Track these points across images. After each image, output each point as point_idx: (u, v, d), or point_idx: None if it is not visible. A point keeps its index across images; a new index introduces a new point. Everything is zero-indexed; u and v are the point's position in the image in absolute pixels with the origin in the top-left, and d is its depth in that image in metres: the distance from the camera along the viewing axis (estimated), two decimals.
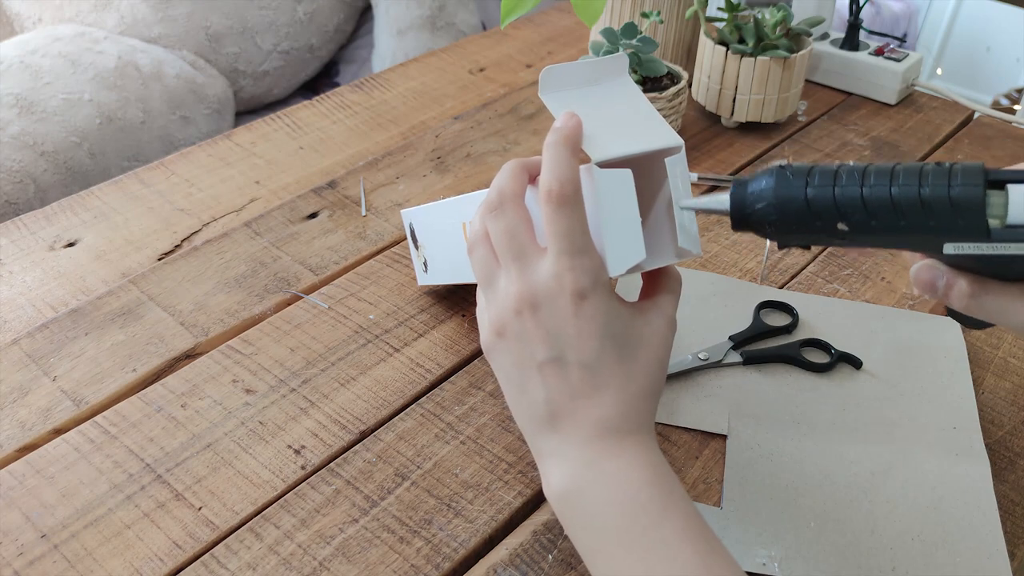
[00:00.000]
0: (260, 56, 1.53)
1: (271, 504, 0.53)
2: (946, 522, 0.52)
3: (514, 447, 0.56)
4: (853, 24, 0.98)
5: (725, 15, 0.89)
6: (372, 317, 0.66)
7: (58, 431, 0.58)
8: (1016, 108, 2.18)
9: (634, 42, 0.77)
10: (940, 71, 2.53)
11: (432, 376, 0.62)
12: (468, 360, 0.63)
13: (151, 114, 1.35)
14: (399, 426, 0.58)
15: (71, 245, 0.74)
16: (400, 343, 0.64)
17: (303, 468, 0.55)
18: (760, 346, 0.64)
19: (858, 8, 0.96)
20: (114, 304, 0.68)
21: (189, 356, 0.63)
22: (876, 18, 2.20)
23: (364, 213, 0.78)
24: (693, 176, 0.81)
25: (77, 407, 0.59)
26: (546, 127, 0.91)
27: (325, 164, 0.85)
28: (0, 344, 0.64)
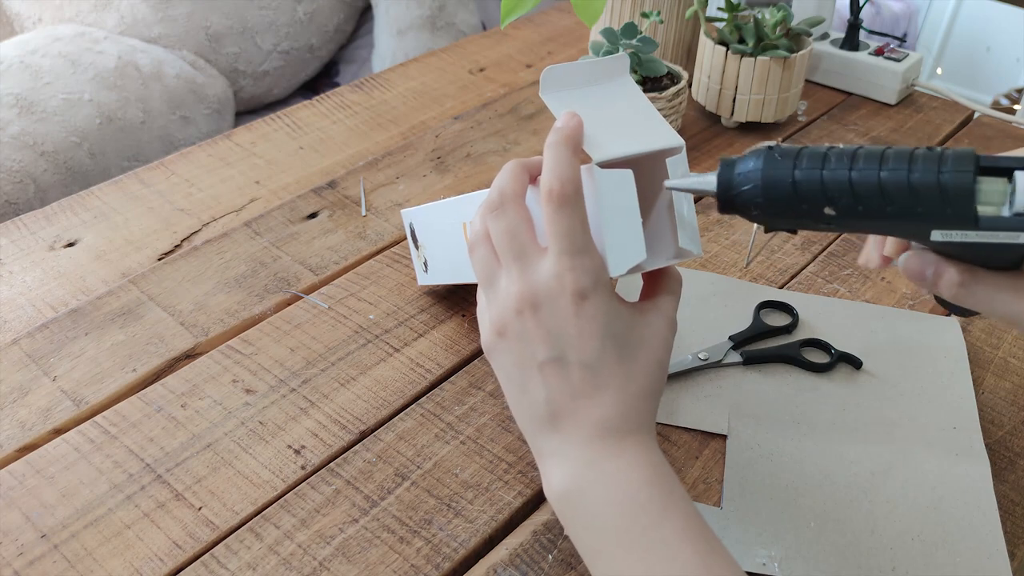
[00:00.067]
0: (260, 56, 1.53)
1: (271, 504, 0.53)
2: (946, 522, 0.52)
3: (514, 447, 0.56)
4: (853, 24, 0.98)
5: (725, 15, 0.89)
6: (372, 317, 0.66)
7: (58, 431, 0.58)
8: (1016, 108, 2.18)
9: (634, 42, 0.77)
10: (940, 71, 2.53)
11: (432, 376, 0.62)
12: (468, 360, 0.63)
13: (151, 114, 1.35)
14: (399, 426, 0.58)
15: (71, 245, 0.74)
16: (400, 343, 0.64)
17: (303, 468, 0.55)
18: (760, 346, 0.64)
19: (858, 8, 0.96)
20: (114, 304, 0.68)
21: (189, 356, 0.63)
22: (876, 18, 2.20)
23: (364, 213, 0.78)
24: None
25: (77, 407, 0.59)
26: (546, 127, 0.91)
27: (325, 164, 0.85)
28: (0, 344, 0.64)
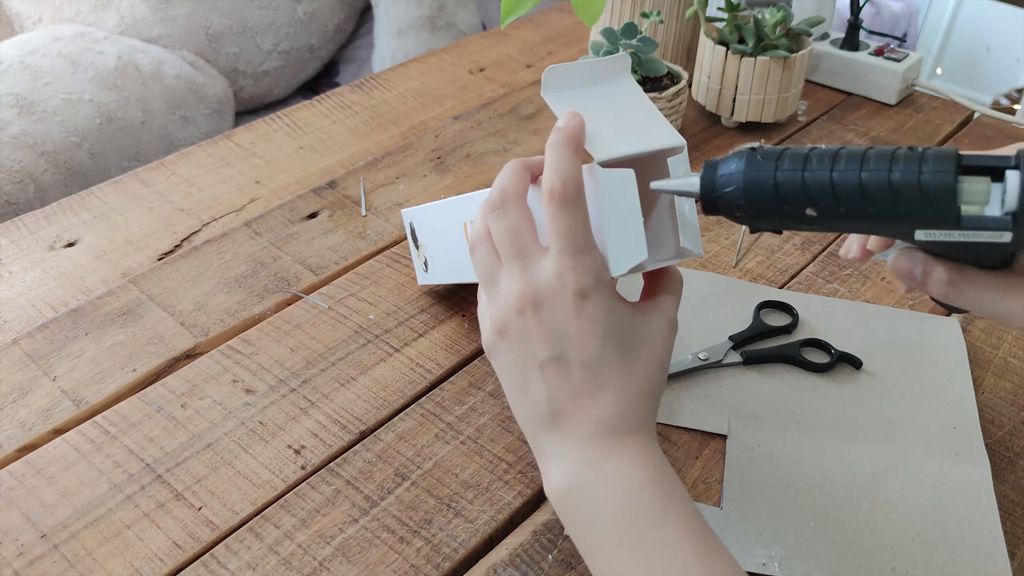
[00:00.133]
0: (260, 56, 1.53)
1: (271, 504, 0.53)
2: (946, 522, 0.52)
3: (514, 447, 0.56)
4: (853, 24, 0.98)
5: (725, 15, 0.89)
6: (372, 317, 0.66)
7: (58, 431, 0.58)
8: (1016, 108, 2.18)
9: (634, 42, 0.77)
10: (940, 71, 2.53)
11: (432, 376, 0.62)
12: (468, 360, 0.63)
13: (151, 114, 1.35)
14: (399, 426, 0.58)
15: (71, 245, 0.74)
16: (400, 343, 0.64)
17: (303, 468, 0.55)
18: (760, 346, 0.64)
19: (858, 8, 0.96)
20: (114, 304, 0.68)
21: (189, 356, 0.63)
22: (876, 18, 2.20)
23: (364, 213, 0.78)
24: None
25: (77, 407, 0.59)
26: (546, 127, 0.91)
27: (325, 164, 0.85)
28: (0, 344, 0.64)
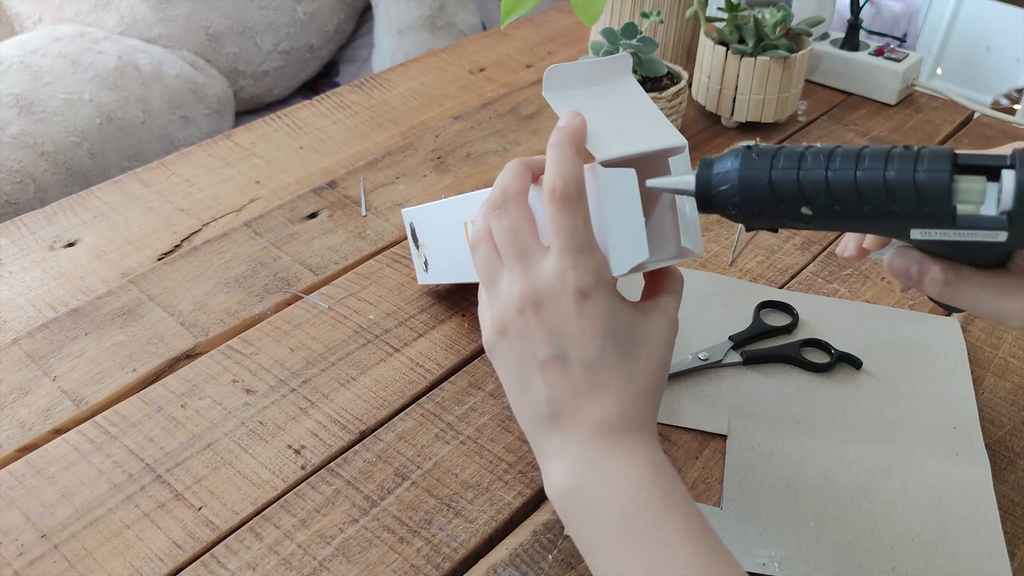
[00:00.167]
0: (260, 56, 1.53)
1: (271, 504, 0.53)
2: (946, 522, 0.52)
3: (514, 447, 0.56)
4: (853, 24, 0.98)
5: (725, 15, 0.89)
6: (372, 317, 0.66)
7: (58, 431, 0.58)
8: (1016, 108, 2.18)
9: (634, 42, 0.77)
10: (940, 71, 2.53)
11: (432, 376, 0.62)
12: (468, 360, 0.63)
13: (151, 114, 1.35)
14: (399, 426, 0.58)
15: (71, 245, 0.74)
16: (400, 343, 0.64)
17: (303, 468, 0.55)
18: (760, 346, 0.64)
19: (858, 8, 0.96)
20: (114, 304, 0.68)
21: (189, 356, 0.63)
22: (876, 18, 2.20)
23: (364, 213, 0.78)
24: None
25: (77, 407, 0.59)
26: (546, 127, 0.91)
27: (325, 164, 0.85)
28: (0, 344, 0.64)
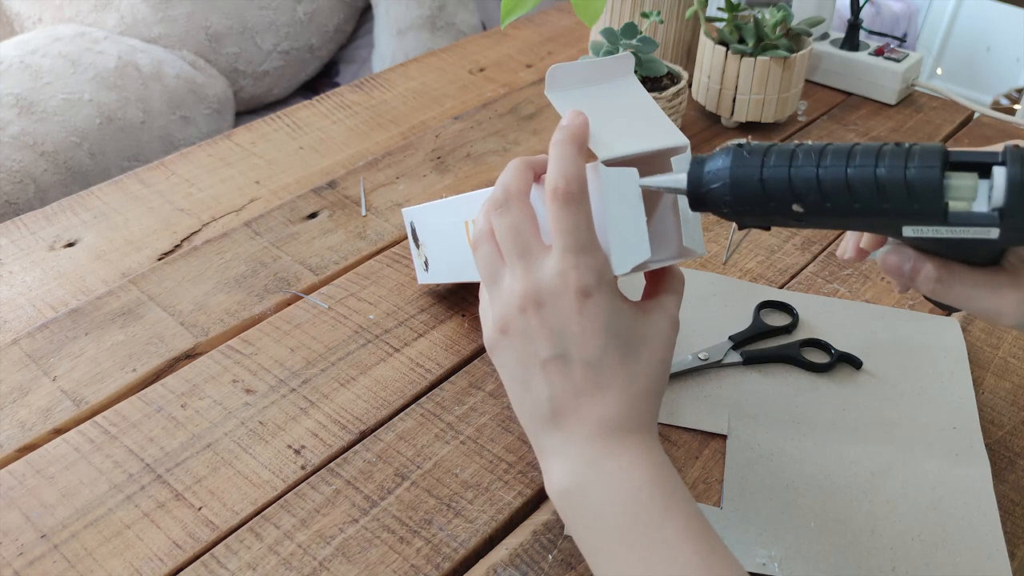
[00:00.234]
0: (260, 56, 1.53)
1: (271, 504, 0.53)
2: (946, 522, 0.52)
3: (514, 447, 0.56)
4: (853, 24, 0.98)
5: (725, 15, 0.89)
6: (372, 317, 0.66)
7: (58, 431, 0.58)
8: (1016, 108, 2.18)
9: (634, 42, 0.77)
10: (940, 71, 2.53)
11: (432, 376, 0.62)
12: (468, 360, 0.63)
13: (151, 114, 1.35)
14: (399, 426, 0.58)
15: (71, 245, 0.74)
16: (400, 343, 0.64)
17: (303, 468, 0.55)
18: (760, 346, 0.64)
19: (858, 8, 0.96)
20: (114, 304, 0.68)
21: (189, 356, 0.63)
22: (876, 18, 2.20)
23: (364, 213, 0.78)
24: None
25: (77, 407, 0.59)
26: (547, 127, 0.91)
27: (325, 164, 0.85)
28: (0, 344, 0.64)
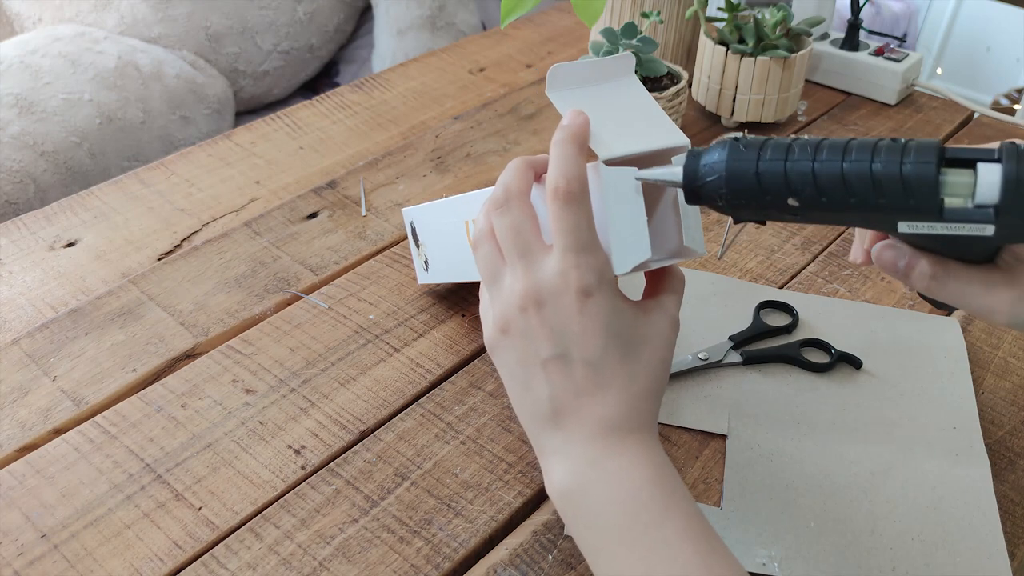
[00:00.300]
0: (260, 56, 1.53)
1: (271, 504, 0.53)
2: (946, 522, 0.52)
3: (514, 447, 0.56)
4: (853, 24, 0.98)
5: (725, 15, 0.89)
6: (372, 317, 0.66)
7: (58, 431, 0.58)
8: (1016, 108, 2.18)
9: (634, 42, 0.77)
10: (940, 71, 2.53)
11: (432, 376, 0.62)
12: (468, 360, 0.63)
13: (151, 114, 1.35)
14: (399, 426, 0.58)
15: (71, 245, 0.74)
16: (400, 343, 0.64)
17: (303, 468, 0.55)
18: (760, 346, 0.64)
19: (858, 8, 0.96)
20: (114, 304, 0.68)
21: (189, 356, 0.63)
22: (876, 18, 2.20)
23: (364, 213, 0.78)
24: None
25: (77, 407, 0.59)
26: (547, 127, 0.91)
27: (325, 164, 0.85)
28: (0, 344, 0.64)
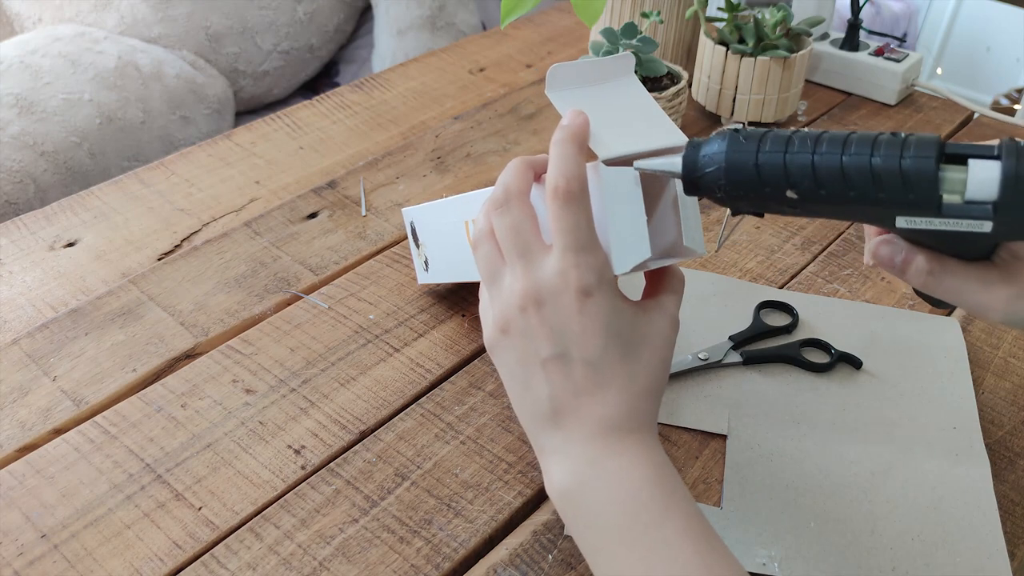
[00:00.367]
0: (260, 56, 1.53)
1: (271, 504, 0.53)
2: (946, 522, 0.52)
3: (514, 447, 0.56)
4: (853, 24, 0.98)
5: (725, 15, 0.89)
6: (372, 317, 0.66)
7: (58, 431, 0.58)
8: (1016, 108, 2.18)
9: (634, 42, 0.77)
10: (940, 71, 2.53)
11: (432, 376, 0.62)
12: (468, 360, 0.63)
13: (151, 114, 1.35)
14: (399, 426, 0.58)
15: (71, 245, 0.74)
16: (400, 343, 0.64)
17: (303, 468, 0.55)
18: (760, 346, 0.64)
19: (858, 8, 0.96)
20: (114, 304, 0.68)
21: (189, 356, 0.63)
22: (876, 18, 2.20)
23: (364, 213, 0.78)
24: None
25: (77, 407, 0.59)
26: (547, 127, 0.91)
27: (325, 164, 0.85)
28: (0, 344, 0.64)
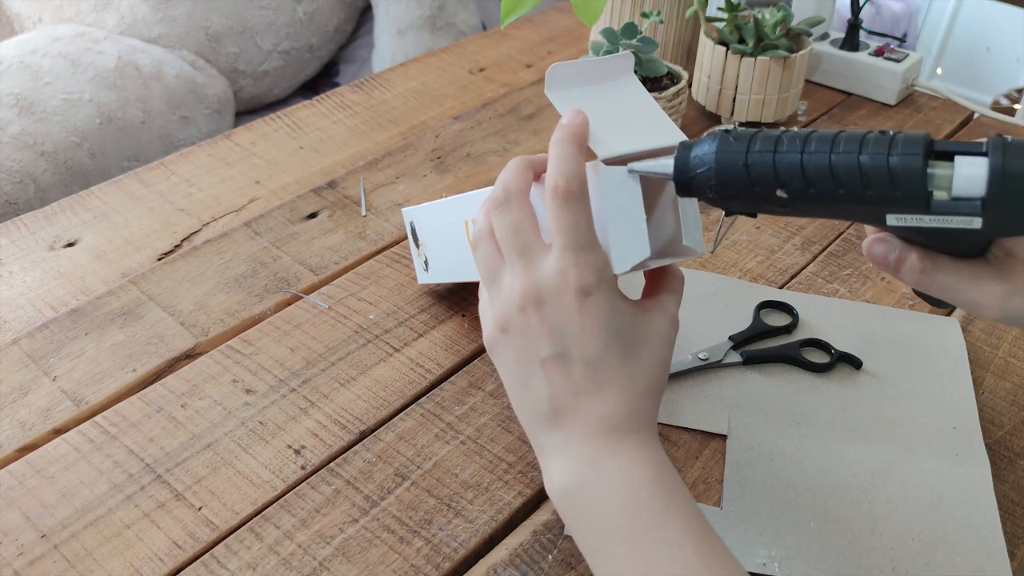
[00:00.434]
0: (260, 56, 1.53)
1: (271, 504, 0.53)
2: (946, 522, 0.52)
3: (514, 447, 0.56)
4: (853, 24, 0.98)
5: (725, 15, 0.89)
6: (372, 317, 0.66)
7: (58, 431, 0.58)
8: (1016, 108, 2.18)
9: (634, 42, 0.77)
10: (940, 71, 2.53)
11: (432, 376, 0.62)
12: (468, 360, 0.63)
13: (151, 114, 1.35)
14: (399, 426, 0.58)
15: (71, 245, 0.74)
16: (400, 343, 0.64)
17: (303, 468, 0.55)
18: (760, 346, 0.64)
19: (858, 8, 0.96)
20: (114, 304, 0.68)
21: (189, 356, 0.63)
22: (876, 18, 2.20)
23: (364, 213, 0.78)
24: None
25: (77, 407, 0.59)
26: (546, 127, 0.91)
27: (325, 164, 0.85)
28: (0, 344, 0.64)
